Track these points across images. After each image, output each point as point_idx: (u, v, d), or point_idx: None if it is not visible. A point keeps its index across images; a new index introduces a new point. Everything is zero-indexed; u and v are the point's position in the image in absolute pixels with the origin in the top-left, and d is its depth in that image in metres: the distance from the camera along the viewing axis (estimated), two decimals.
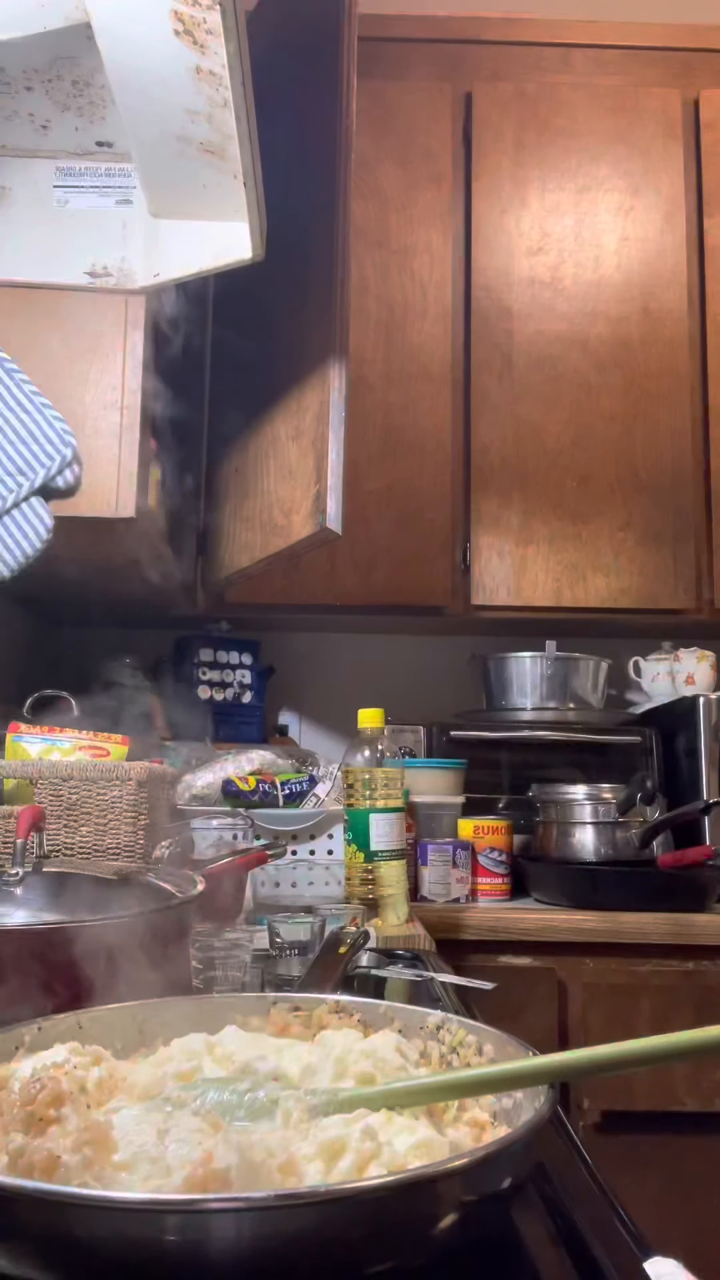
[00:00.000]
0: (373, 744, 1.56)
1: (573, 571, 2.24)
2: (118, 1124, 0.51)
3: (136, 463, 1.43)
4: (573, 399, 2.29)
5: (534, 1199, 0.57)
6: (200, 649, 2.33)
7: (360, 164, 1.95)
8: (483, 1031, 0.65)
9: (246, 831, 1.49)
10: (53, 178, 1.44)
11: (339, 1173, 0.48)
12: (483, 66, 2.40)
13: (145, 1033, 0.68)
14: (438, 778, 2.03)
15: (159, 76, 1.16)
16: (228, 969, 1.07)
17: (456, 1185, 0.45)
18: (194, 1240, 0.41)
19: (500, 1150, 0.46)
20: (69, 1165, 0.47)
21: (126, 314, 1.45)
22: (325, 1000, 0.71)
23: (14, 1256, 0.43)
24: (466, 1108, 0.60)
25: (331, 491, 1.48)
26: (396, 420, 2.28)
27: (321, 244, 1.57)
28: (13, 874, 0.97)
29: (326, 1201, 0.42)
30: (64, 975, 0.80)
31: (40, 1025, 0.65)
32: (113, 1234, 0.41)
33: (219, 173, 1.28)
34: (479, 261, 2.33)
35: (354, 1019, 0.69)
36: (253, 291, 1.77)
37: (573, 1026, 1.76)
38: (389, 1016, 0.69)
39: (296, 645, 2.58)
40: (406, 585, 2.24)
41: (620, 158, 2.36)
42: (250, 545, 1.75)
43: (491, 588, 2.25)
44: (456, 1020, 0.67)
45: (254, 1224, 0.41)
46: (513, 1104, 0.59)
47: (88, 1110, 0.53)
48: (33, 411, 1.39)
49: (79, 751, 1.47)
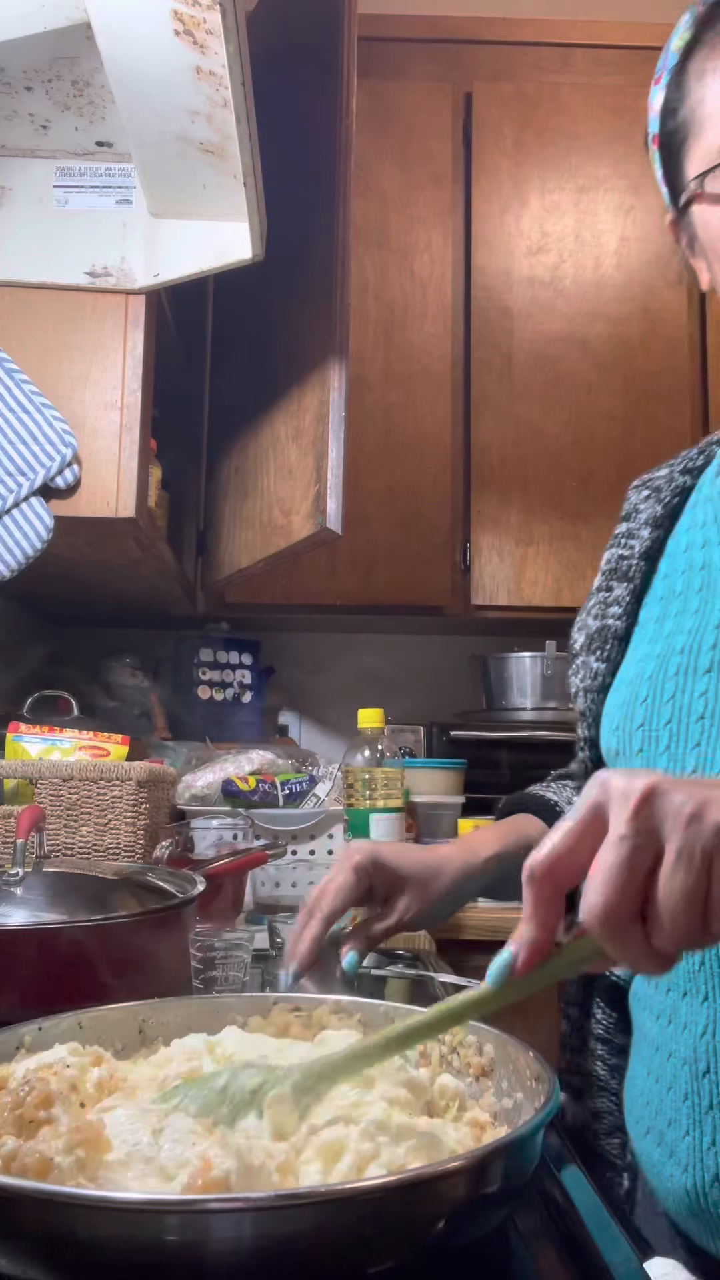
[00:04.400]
0: (373, 744, 1.56)
1: (573, 571, 2.24)
2: (110, 1123, 0.51)
3: (136, 463, 1.42)
4: (573, 399, 2.29)
5: (534, 1199, 0.57)
6: (200, 649, 2.33)
7: (360, 164, 1.95)
8: (483, 1031, 0.65)
9: (246, 831, 1.49)
10: (53, 178, 1.43)
11: (338, 1173, 0.48)
12: (483, 66, 2.40)
13: (145, 1033, 0.69)
14: (438, 778, 2.03)
15: (159, 76, 1.16)
16: (228, 969, 1.06)
17: (456, 1186, 0.45)
18: (194, 1241, 0.41)
19: (500, 1151, 0.46)
20: (61, 1167, 0.47)
21: (126, 314, 1.45)
22: (325, 1000, 0.71)
23: (15, 1257, 0.43)
24: (467, 1108, 0.60)
25: (331, 491, 1.48)
26: (396, 420, 2.28)
27: (321, 244, 1.57)
28: (13, 874, 0.97)
29: (326, 1202, 0.42)
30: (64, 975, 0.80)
31: (41, 1025, 0.65)
32: (114, 1235, 0.41)
33: (219, 173, 1.28)
34: (479, 261, 2.33)
35: (354, 1019, 0.69)
36: (253, 291, 1.77)
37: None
38: (389, 1017, 0.69)
39: (296, 645, 2.58)
40: (406, 585, 2.24)
41: (620, 158, 2.36)
42: (250, 545, 1.75)
43: (491, 588, 2.25)
44: None
45: (254, 1224, 0.41)
46: (513, 1104, 0.59)
47: (80, 1110, 0.53)
48: (33, 411, 1.39)
49: (79, 751, 1.47)
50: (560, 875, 0.50)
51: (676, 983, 0.76)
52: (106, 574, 1.82)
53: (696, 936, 0.47)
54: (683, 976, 0.76)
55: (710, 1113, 0.72)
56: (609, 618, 0.92)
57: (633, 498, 1.00)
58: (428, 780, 2.01)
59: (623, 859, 0.47)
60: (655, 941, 0.48)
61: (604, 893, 0.47)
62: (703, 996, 0.73)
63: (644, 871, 0.47)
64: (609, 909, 0.47)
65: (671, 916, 0.47)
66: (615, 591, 0.93)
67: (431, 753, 2.35)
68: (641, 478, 1.02)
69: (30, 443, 1.38)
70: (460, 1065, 0.65)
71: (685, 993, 0.75)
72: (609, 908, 0.47)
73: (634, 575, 0.92)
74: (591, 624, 0.95)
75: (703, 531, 0.87)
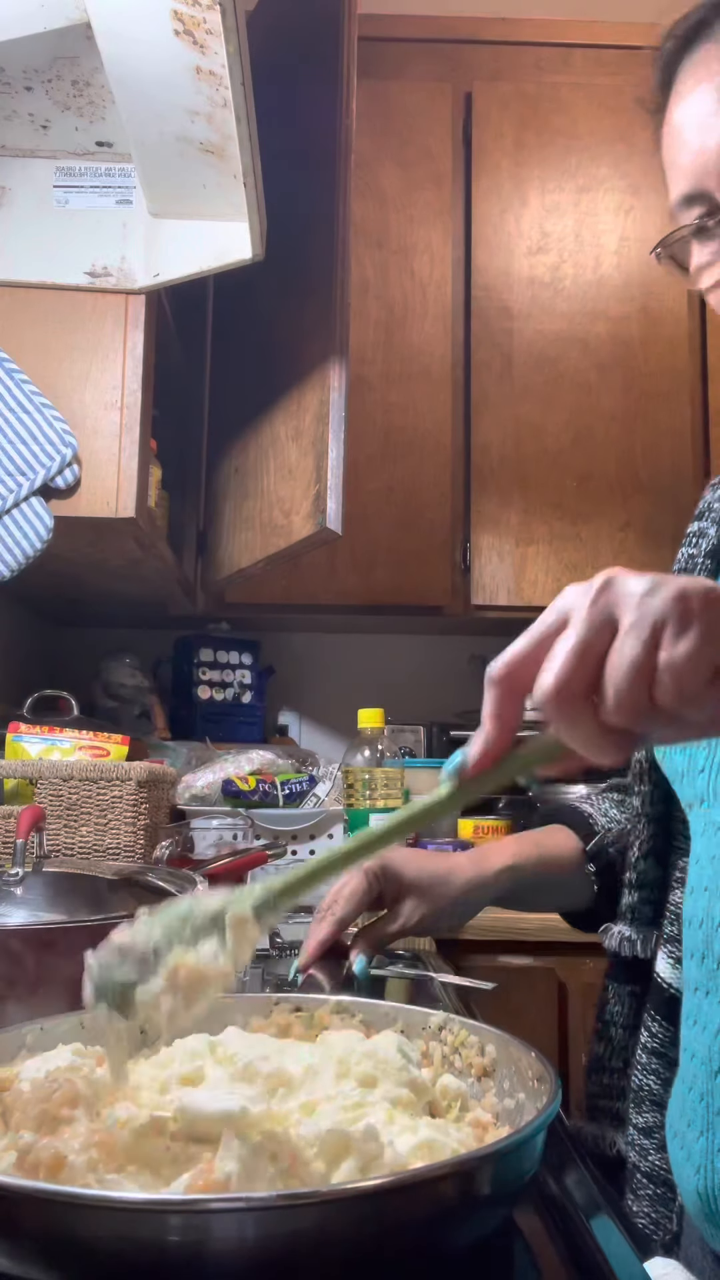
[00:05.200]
0: (373, 744, 1.56)
1: (573, 571, 2.24)
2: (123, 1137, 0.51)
3: (136, 463, 1.42)
4: (573, 399, 2.29)
5: (534, 1199, 0.57)
6: (200, 649, 2.33)
7: (360, 164, 1.95)
8: (484, 1031, 0.64)
9: (246, 831, 1.49)
10: (53, 178, 1.43)
11: (342, 1173, 0.48)
12: (483, 66, 2.40)
13: (146, 1033, 0.68)
14: (438, 778, 2.03)
15: (159, 76, 1.16)
16: None
17: (459, 1186, 0.45)
18: (198, 1241, 0.41)
19: (502, 1151, 0.46)
20: (74, 1165, 0.47)
21: (126, 314, 1.45)
22: (327, 1000, 0.71)
23: (17, 1257, 0.43)
24: (469, 1108, 0.60)
25: (331, 491, 1.48)
26: (396, 420, 2.28)
27: (321, 244, 1.57)
28: (13, 874, 0.97)
29: (330, 1202, 0.42)
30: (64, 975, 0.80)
31: (42, 1026, 0.65)
32: (116, 1234, 0.41)
33: (219, 173, 1.28)
34: (479, 261, 2.33)
35: (356, 1019, 0.69)
36: (253, 291, 1.77)
37: (573, 1026, 1.76)
38: (391, 1017, 0.69)
39: (296, 645, 2.58)
40: (406, 585, 2.24)
41: (620, 158, 2.36)
42: (250, 545, 1.75)
43: (491, 588, 2.25)
44: (459, 1021, 0.66)
45: (257, 1224, 0.41)
46: (515, 1105, 0.59)
47: (98, 1116, 0.53)
48: (33, 411, 1.39)
49: (79, 751, 1.47)
50: (520, 677, 0.50)
51: (701, 982, 0.76)
52: (106, 574, 1.82)
53: (643, 708, 0.46)
54: (705, 976, 0.76)
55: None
56: None
57: (708, 495, 1.00)
58: (428, 780, 2.01)
59: (577, 639, 0.47)
60: (604, 716, 0.47)
61: (556, 671, 0.47)
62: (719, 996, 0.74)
63: (597, 651, 0.47)
64: (560, 684, 0.47)
65: (616, 687, 0.46)
66: None
67: (431, 753, 2.35)
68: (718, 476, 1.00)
69: (30, 443, 1.38)
70: (462, 1066, 0.64)
71: (708, 991, 0.75)
72: (560, 683, 0.47)
73: (700, 574, 0.92)
74: None
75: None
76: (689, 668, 0.46)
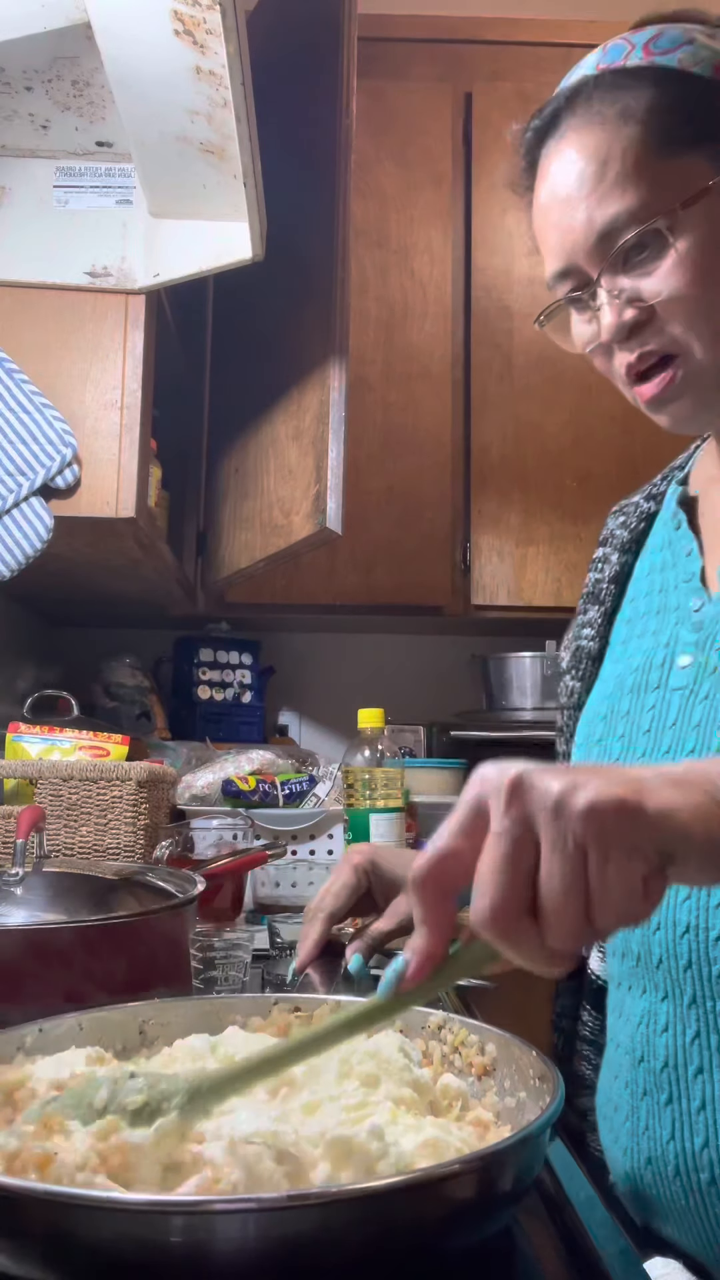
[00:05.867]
0: (373, 744, 1.55)
1: (573, 572, 2.24)
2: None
3: (136, 463, 1.42)
4: (573, 399, 2.29)
5: (535, 1199, 0.57)
6: (200, 649, 2.33)
7: (360, 164, 1.94)
8: (485, 1031, 0.65)
9: (246, 831, 1.49)
10: (53, 178, 1.43)
11: (346, 1174, 0.48)
12: (483, 66, 2.40)
13: (146, 1034, 0.68)
14: (438, 778, 2.03)
15: (159, 76, 1.16)
16: (228, 969, 1.07)
17: (466, 1186, 0.45)
18: (202, 1241, 0.41)
19: (509, 1150, 0.46)
20: (63, 1163, 0.47)
21: (126, 314, 1.45)
22: (326, 1001, 0.71)
23: (19, 1257, 0.42)
24: (470, 1108, 0.60)
25: (331, 491, 1.48)
26: (396, 420, 2.28)
27: (321, 244, 1.57)
28: (13, 874, 0.97)
29: (336, 1202, 0.42)
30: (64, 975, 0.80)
31: (41, 1027, 0.65)
32: (122, 1236, 0.41)
33: (219, 173, 1.28)
34: (479, 261, 2.33)
35: None
36: (253, 291, 1.77)
37: None
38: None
39: (296, 645, 2.58)
40: (406, 585, 2.24)
41: None
42: (250, 545, 1.75)
43: (491, 588, 2.25)
44: (459, 1020, 0.67)
45: (264, 1225, 0.41)
46: (516, 1103, 0.59)
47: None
48: (33, 411, 1.39)
49: (79, 751, 1.47)
50: (446, 878, 0.49)
51: (624, 977, 0.81)
52: (107, 574, 1.82)
53: (583, 930, 0.45)
54: (626, 972, 0.80)
55: (644, 1099, 0.76)
56: (583, 639, 0.98)
57: (610, 523, 1.05)
58: (428, 780, 2.01)
59: (503, 857, 0.46)
60: (546, 939, 0.46)
61: (488, 894, 0.46)
62: (640, 990, 0.78)
63: (527, 867, 0.46)
64: (495, 910, 0.46)
65: (555, 911, 0.45)
66: (589, 614, 0.99)
67: (431, 753, 2.35)
68: (619, 503, 1.07)
69: (30, 443, 1.38)
70: (462, 1065, 0.65)
71: (630, 987, 0.80)
72: (495, 909, 0.46)
73: (605, 598, 0.97)
74: (571, 644, 1.01)
75: (660, 555, 0.93)
76: (622, 891, 0.45)
